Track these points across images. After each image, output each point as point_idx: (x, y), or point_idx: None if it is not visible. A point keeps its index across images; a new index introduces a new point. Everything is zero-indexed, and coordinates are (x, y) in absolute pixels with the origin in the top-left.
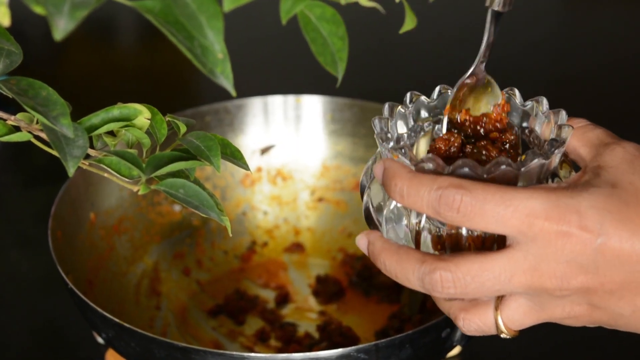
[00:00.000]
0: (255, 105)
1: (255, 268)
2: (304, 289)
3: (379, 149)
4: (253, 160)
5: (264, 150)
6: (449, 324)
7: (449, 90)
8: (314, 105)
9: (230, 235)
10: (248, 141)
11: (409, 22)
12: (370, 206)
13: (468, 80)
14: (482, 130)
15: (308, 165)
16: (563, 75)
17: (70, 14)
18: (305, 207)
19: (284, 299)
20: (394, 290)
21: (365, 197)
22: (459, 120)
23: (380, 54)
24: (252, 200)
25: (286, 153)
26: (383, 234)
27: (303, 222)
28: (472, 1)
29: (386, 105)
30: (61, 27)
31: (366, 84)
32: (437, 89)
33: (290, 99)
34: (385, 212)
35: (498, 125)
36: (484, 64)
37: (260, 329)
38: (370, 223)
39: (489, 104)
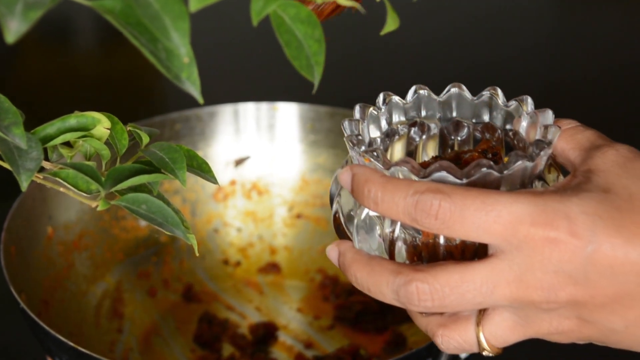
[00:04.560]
0: (230, 113)
1: (226, 290)
2: (279, 313)
3: (349, 153)
4: (226, 172)
5: (238, 162)
6: (431, 353)
7: (425, 91)
8: (292, 114)
9: (197, 254)
10: (221, 151)
11: (391, 23)
12: (341, 215)
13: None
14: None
15: (286, 179)
16: (558, 82)
17: (23, 15)
18: (283, 224)
19: (257, 323)
20: (380, 316)
21: (334, 206)
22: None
23: (361, 58)
24: (225, 216)
25: (262, 165)
26: (355, 244)
27: (279, 240)
28: (459, 1)
29: (357, 107)
30: (13, 29)
31: (348, 90)
32: (413, 89)
33: (266, 106)
34: (356, 221)
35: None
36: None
37: (230, 356)
38: (341, 233)
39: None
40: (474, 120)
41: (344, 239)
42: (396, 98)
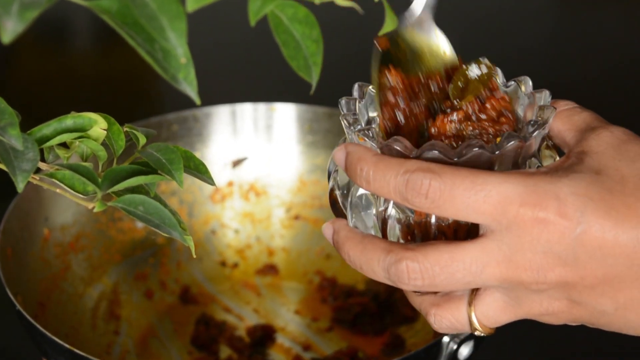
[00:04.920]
0: (227, 114)
1: (224, 291)
2: (277, 315)
3: (345, 133)
4: (224, 173)
5: (236, 163)
6: (430, 355)
7: None
8: (290, 115)
9: (194, 256)
10: (218, 152)
11: (390, 23)
12: (337, 191)
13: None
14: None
15: (284, 180)
16: (559, 82)
17: (20, 15)
18: (280, 226)
19: (254, 325)
20: (377, 319)
21: (331, 182)
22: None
23: (360, 58)
24: (222, 217)
25: (260, 166)
26: (349, 222)
27: (277, 241)
28: (457, 1)
29: (356, 86)
30: (10, 29)
31: (346, 91)
32: None
33: (264, 107)
34: (351, 199)
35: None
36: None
37: (227, 358)
38: (336, 210)
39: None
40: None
41: (339, 215)
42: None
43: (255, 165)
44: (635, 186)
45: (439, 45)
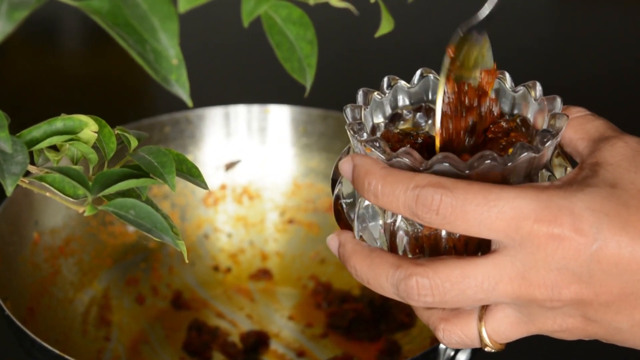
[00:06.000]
0: (220, 116)
1: (216, 297)
2: (271, 321)
3: (350, 141)
4: (217, 176)
5: (229, 166)
6: None
7: (431, 74)
8: (284, 117)
9: (187, 261)
10: (211, 155)
11: (386, 25)
12: (342, 202)
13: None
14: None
15: (277, 183)
16: (558, 84)
17: (8, 16)
18: (274, 229)
19: (248, 331)
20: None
21: (336, 191)
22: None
23: (355, 60)
24: (215, 221)
25: (254, 169)
26: (355, 233)
27: (271, 245)
28: (454, 2)
29: (360, 92)
30: None
31: (341, 93)
32: (419, 72)
33: (258, 109)
34: (357, 209)
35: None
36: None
37: None
38: (340, 219)
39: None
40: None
41: (343, 225)
42: (402, 82)
43: (249, 168)
44: None
45: (489, 56)
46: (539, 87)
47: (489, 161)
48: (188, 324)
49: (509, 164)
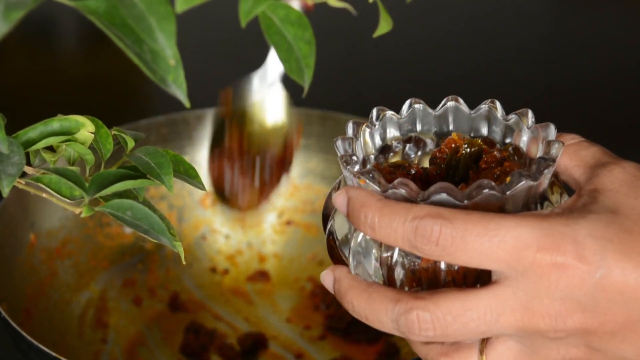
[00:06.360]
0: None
1: (214, 298)
2: (268, 323)
3: (343, 173)
4: None
5: None
6: None
7: (420, 104)
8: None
9: (184, 263)
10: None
11: (384, 25)
12: (335, 238)
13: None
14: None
15: None
16: (557, 84)
17: (4, 16)
18: (272, 231)
19: (245, 334)
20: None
21: (328, 228)
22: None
23: (353, 60)
24: (213, 223)
25: None
26: (350, 269)
27: (269, 247)
28: (453, 1)
29: (350, 124)
30: None
31: (339, 93)
32: (407, 103)
33: None
34: (352, 245)
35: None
36: None
37: None
38: (334, 256)
39: None
40: (471, 135)
41: (337, 261)
42: (390, 113)
43: None
44: None
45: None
46: (530, 114)
47: (487, 190)
48: (185, 326)
49: (507, 193)
